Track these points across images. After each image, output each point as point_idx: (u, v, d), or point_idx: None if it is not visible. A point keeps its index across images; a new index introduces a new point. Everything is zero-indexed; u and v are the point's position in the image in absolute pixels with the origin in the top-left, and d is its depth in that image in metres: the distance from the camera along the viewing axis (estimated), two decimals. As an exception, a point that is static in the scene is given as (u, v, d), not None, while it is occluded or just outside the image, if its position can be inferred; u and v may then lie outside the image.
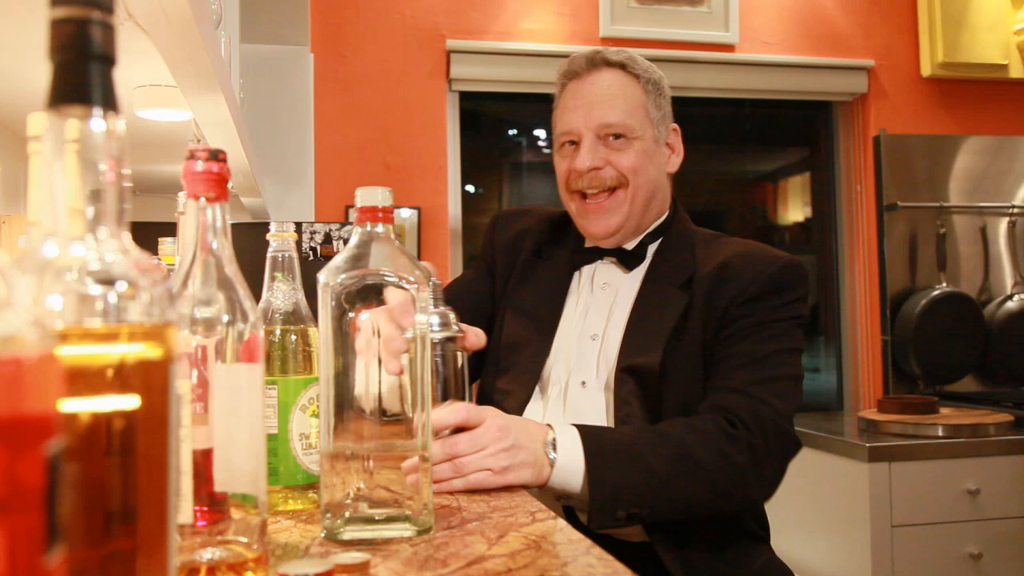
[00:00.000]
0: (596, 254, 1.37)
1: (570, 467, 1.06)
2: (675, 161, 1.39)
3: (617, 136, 1.30)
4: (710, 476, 1.12)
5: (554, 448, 1.06)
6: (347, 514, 0.78)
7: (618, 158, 1.30)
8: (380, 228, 0.81)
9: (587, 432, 1.10)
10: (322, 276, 0.79)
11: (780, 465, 1.21)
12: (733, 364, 1.22)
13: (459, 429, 1.01)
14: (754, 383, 1.20)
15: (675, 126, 1.38)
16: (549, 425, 1.09)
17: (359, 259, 0.80)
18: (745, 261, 1.27)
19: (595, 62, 1.33)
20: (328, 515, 0.78)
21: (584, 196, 1.33)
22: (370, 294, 0.79)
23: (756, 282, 1.25)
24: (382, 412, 0.80)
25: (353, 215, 0.83)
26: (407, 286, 0.79)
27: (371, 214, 0.81)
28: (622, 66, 1.32)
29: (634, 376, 1.23)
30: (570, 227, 1.43)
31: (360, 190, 0.81)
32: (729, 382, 1.21)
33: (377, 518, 0.78)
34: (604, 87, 1.31)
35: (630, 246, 1.36)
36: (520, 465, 1.02)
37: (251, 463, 0.63)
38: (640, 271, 1.34)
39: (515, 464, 1.01)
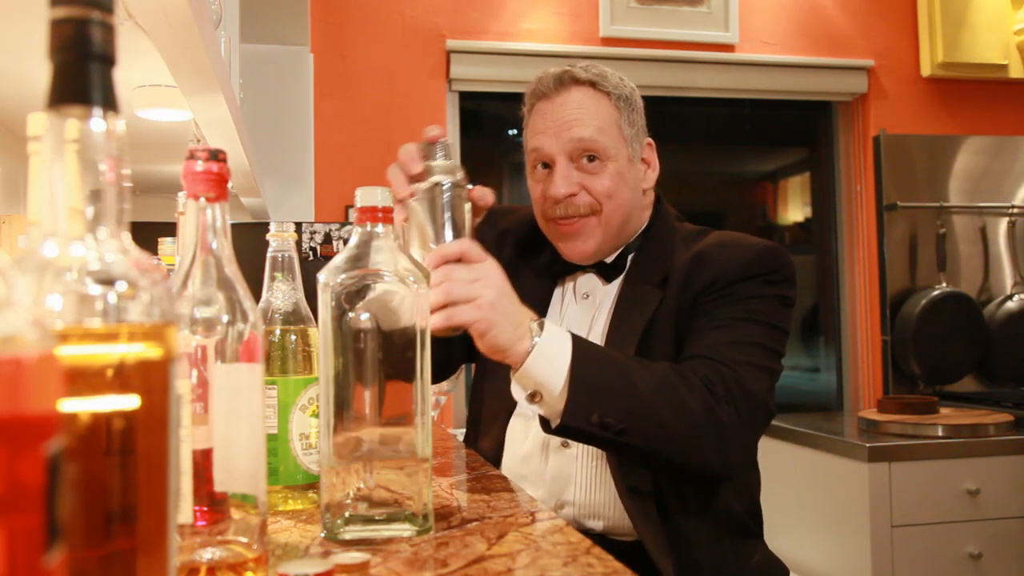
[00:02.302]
0: (576, 268, 1.35)
1: (553, 356, 1.03)
2: (651, 176, 1.34)
3: (591, 159, 1.25)
4: (694, 419, 1.08)
5: (540, 331, 1.03)
6: (347, 514, 0.78)
7: (592, 182, 1.26)
8: (380, 228, 0.81)
9: (577, 337, 1.07)
10: (322, 276, 0.79)
11: (752, 437, 1.19)
12: (704, 328, 1.19)
13: None
14: (722, 346, 1.16)
15: (650, 140, 1.33)
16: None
17: (359, 259, 0.80)
18: (720, 250, 1.24)
19: (564, 81, 1.28)
20: (328, 515, 0.78)
21: (558, 223, 1.29)
22: (370, 294, 0.79)
23: (730, 269, 1.21)
24: (381, 412, 0.80)
25: (353, 215, 0.83)
26: (407, 287, 0.79)
27: (371, 214, 0.81)
28: (592, 84, 1.28)
29: None
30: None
31: (360, 190, 0.81)
32: (698, 348, 1.17)
33: (377, 518, 0.78)
34: (574, 106, 1.27)
35: (609, 259, 1.33)
36: (504, 317, 0.99)
37: (251, 463, 0.63)
38: (621, 279, 1.32)
39: (500, 311, 0.98)
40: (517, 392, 1.06)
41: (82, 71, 0.43)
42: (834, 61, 3.35)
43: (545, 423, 1.08)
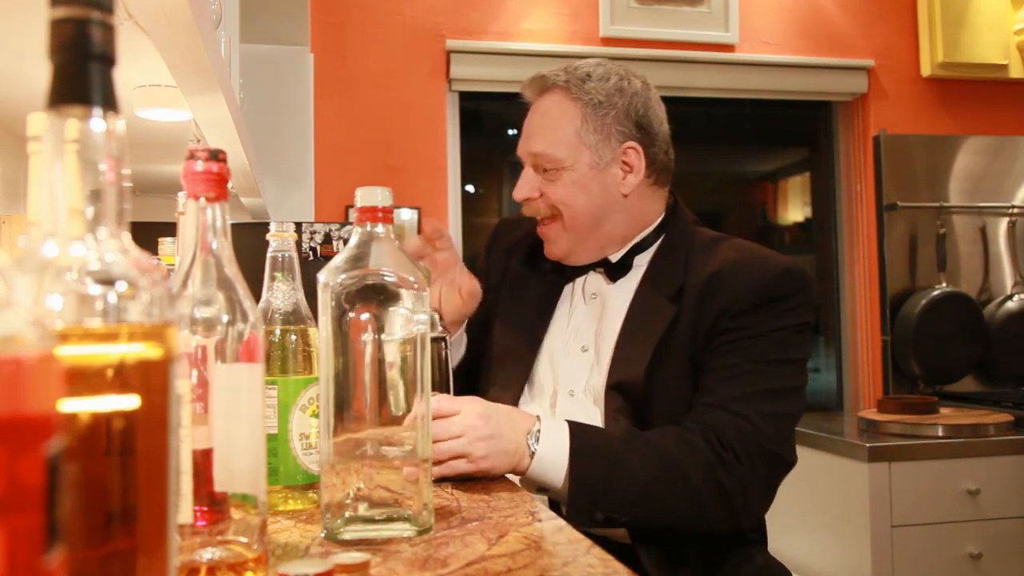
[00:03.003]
0: (585, 267, 1.37)
1: (552, 461, 1.08)
2: (630, 181, 1.30)
3: (547, 169, 1.30)
4: (696, 494, 1.11)
5: (537, 440, 1.08)
6: (347, 514, 0.78)
7: (548, 189, 1.31)
8: (380, 228, 0.81)
9: (576, 429, 1.10)
10: (322, 276, 0.79)
11: (767, 492, 1.19)
12: (719, 377, 1.18)
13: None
14: (738, 399, 1.15)
15: (633, 144, 1.29)
16: (538, 417, 1.11)
17: (359, 259, 0.80)
18: (737, 270, 1.22)
19: (536, 87, 1.34)
20: (328, 515, 0.78)
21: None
22: (369, 294, 0.79)
23: (748, 293, 1.20)
24: (380, 412, 0.80)
25: (353, 215, 0.83)
26: (408, 287, 0.79)
27: (371, 214, 0.81)
28: (565, 88, 1.29)
29: (621, 392, 1.22)
30: None
31: (360, 190, 0.81)
32: (713, 397, 1.17)
33: (377, 518, 0.78)
34: (539, 116, 1.32)
35: (614, 257, 1.33)
36: (498, 453, 1.04)
37: (251, 463, 0.63)
38: (629, 281, 1.32)
39: (492, 452, 1.03)
40: (526, 487, 1.11)
41: (82, 71, 0.43)
42: (834, 61, 3.35)
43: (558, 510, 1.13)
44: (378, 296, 0.79)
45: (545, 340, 1.35)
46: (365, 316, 0.79)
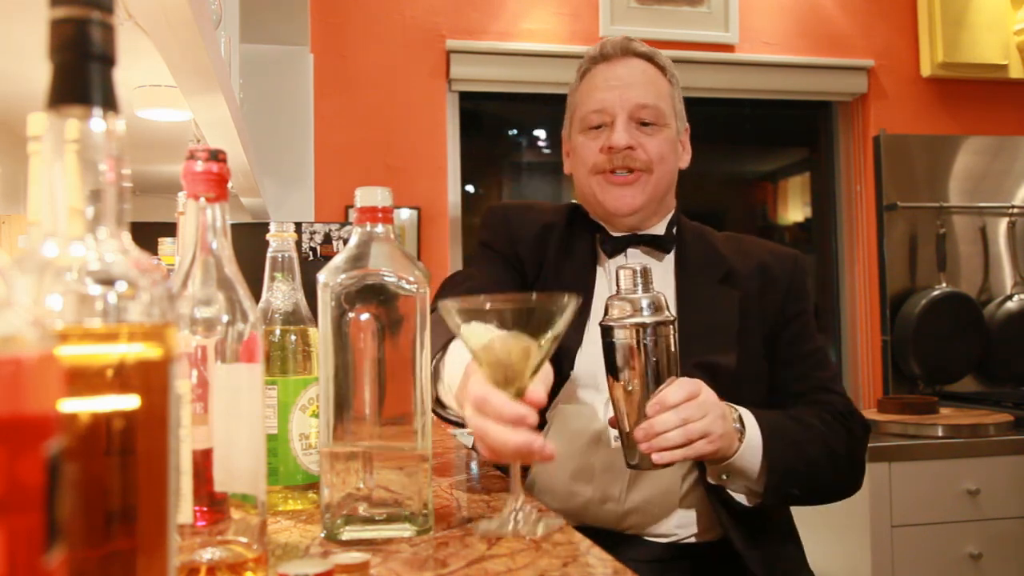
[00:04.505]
0: (624, 242, 1.34)
1: (753, 446, 1.12)
2: (686, 159, 1.41)
3: (646, 123, 1.31)
4: (840, 466, 1.23)
5: (741, 424, 1.11)
6: (347, 514, 0.78)
7: (647, 143, 1.31)
8: (380, 228, 0.81)
9: (758, 415, 1.15)
10: (322, 276, 0.79)
11: (865, 453, 1.31)
12: (810, 364, 1.31)
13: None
14: (832, 379, 1.31)
15: (687, 126, 1.41)
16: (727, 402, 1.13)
17: (359, 259, 0.80)
18: (776, 259, 1.35)
19: (627, 49, 1.35)
20: (328, 515, 0.78)
21: (608, 177, 1.32)
22: (369, 294, 0.79)
23: (793, 280, 1.34)
24: (381, 413, 0.80)
25: (353, 215, 0.83)
26: (407, 286, 0.79)
27: (371, 214, 0.81)
28: (650, 58, 1.36)
29: (709, 374, 1.18)
30: (587, 220, 1.38)
31: (360, 190, 0.81)
32: (818, 381, 1.30)
33: (377, 518, 0.78)
34: (638, 72, 1.33)
35: (659, 230, 1.35)
36: (725, 435, 1.06)
37: (251, 463, 0.63)
38: (668, 260, 1.34)
39: (726, 432, 1.06)
40: (713, 475, 1.16)
41: (82, 71, 0.43)
42: (834, 61, 3.35)
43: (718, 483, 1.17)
44: (378, 296, 0.79)
45: (588, 322, 1.28)
46: (365, 316, 0.79)
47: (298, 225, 2.13)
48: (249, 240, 1.53)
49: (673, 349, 1.04)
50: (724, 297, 1.30)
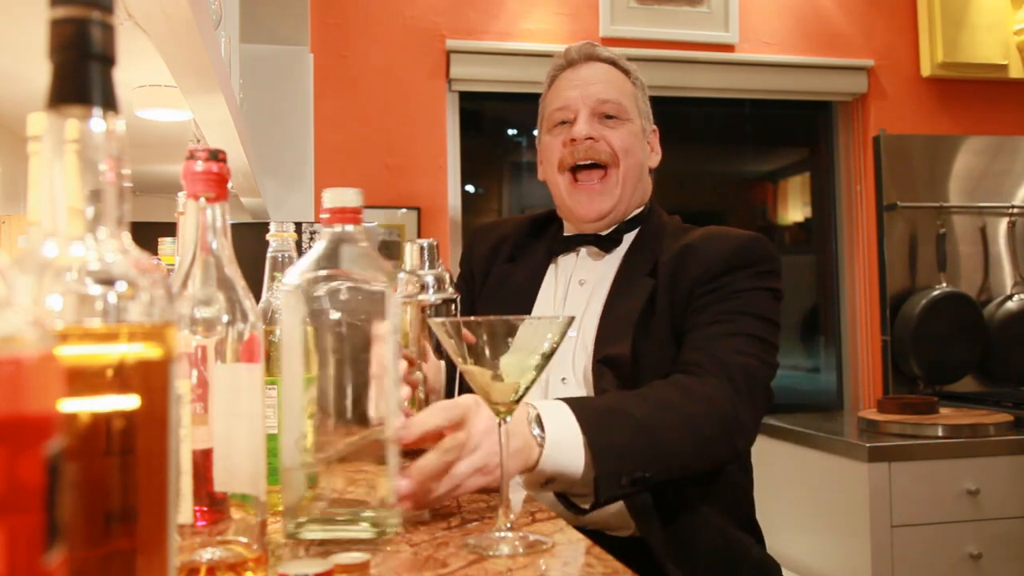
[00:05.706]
0: (574, 242, 1.39)
1: (563, 441, 0.96)
2: (655, 159, 1.44)
3: (610, 116, 1.36)
4: (696, 426, 1.08)
5: (539, 425, 0.95)
6: (307, 515, 0.77)
7: (611, 135, 1.35)
8: (350, 229, 0.80)
9: (574, 402, 1.01)
10: (289, 278, 0.78)
11: (755, 411, 1.18)
12: (697, 331, 1.21)
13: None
14: (724, 336, 1.18)
15: (655, 127, 1.45)
16: (527, 403, 0.98)
17: (328, 260, 0.79)
18: (708, 242, 1.29)
19: (590, 55, 1.41)
20: (288, 516, 0.77)
21: (576, 178, 1.36)
22: (337, 296, 0.78)
23: (721, 260, 1.24)
24: (348, 414, 0.79)
25: (323, 216, 0.81)
26: (376, 287, 0.78)
27: (340, 215, 0.80)
28: (613, 62, 1.41)
29: (610, 367, 1.22)
30: (551, 222, 1.47)
31: (328, 191, 0.80)
32: (693, 345, 1.20)
33: (338, 519, 0.77)
34: (601, 73, 1.39)
35: (604, 232, 1.38)
36: (516, 453, 0.91)
37: (251, 463, 0.63)
38: (614, 260, 1.35)
39: (518, 450, 0.92)
40: (531, 485, 1.00)
41: (82, 71, 0.43)
42: (834, 61, 3.35)
43: (574, 506, 1.03)
44: (346, 297, 0.78)
45: None
46: (333, 317, 0.78)
47: (298, 225, 2.13)
48: (249, 240, 1.53)
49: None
50: (639, 288, 1.27)
